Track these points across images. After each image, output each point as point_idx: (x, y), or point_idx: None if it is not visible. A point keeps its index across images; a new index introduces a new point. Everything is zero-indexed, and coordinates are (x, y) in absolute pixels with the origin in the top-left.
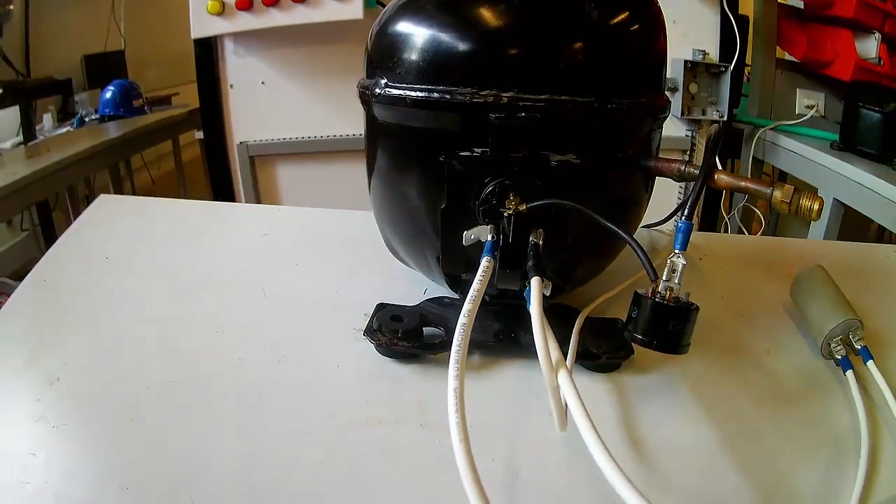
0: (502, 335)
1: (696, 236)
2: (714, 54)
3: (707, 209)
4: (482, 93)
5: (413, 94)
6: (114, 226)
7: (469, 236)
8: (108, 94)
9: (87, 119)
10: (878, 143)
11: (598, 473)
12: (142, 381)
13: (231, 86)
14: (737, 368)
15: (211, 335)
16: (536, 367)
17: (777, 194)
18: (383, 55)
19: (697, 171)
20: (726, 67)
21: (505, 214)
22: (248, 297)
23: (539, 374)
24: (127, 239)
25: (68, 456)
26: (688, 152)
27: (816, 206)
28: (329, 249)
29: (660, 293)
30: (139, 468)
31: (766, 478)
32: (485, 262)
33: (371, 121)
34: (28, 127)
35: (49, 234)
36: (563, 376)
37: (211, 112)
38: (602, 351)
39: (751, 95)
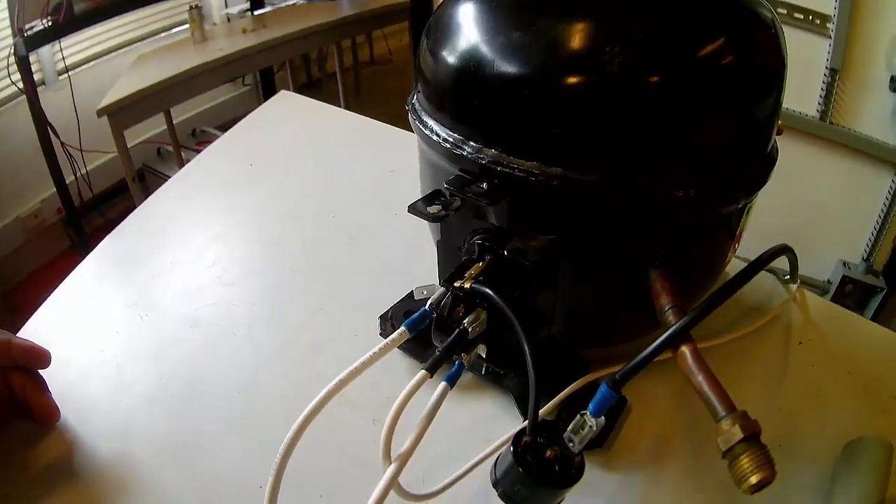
0: (488, 373)
1: (818, 308)
2: None
3: None
4: (487, 151)
5: (421, 128)
6: (273, 130)
7: (421, 292)
8: None
9: None
10: None
11: None
12: (219, 301)
13: None
14: None
15: (290, 278)
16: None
17: (723, 426)
18: (421, 59)
19: (672, 322)
20: None
21: (455, 284)
22: (331, 245)
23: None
24: (274, 149)
25: (138, 343)
26: None
27: (753, 479)
28: None
29: (533, 449)
30: (186, 370)
31: None
32: (397, 333)
33: None
34: None
35: (269, 91)
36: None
37: (419, 7)
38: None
39: None
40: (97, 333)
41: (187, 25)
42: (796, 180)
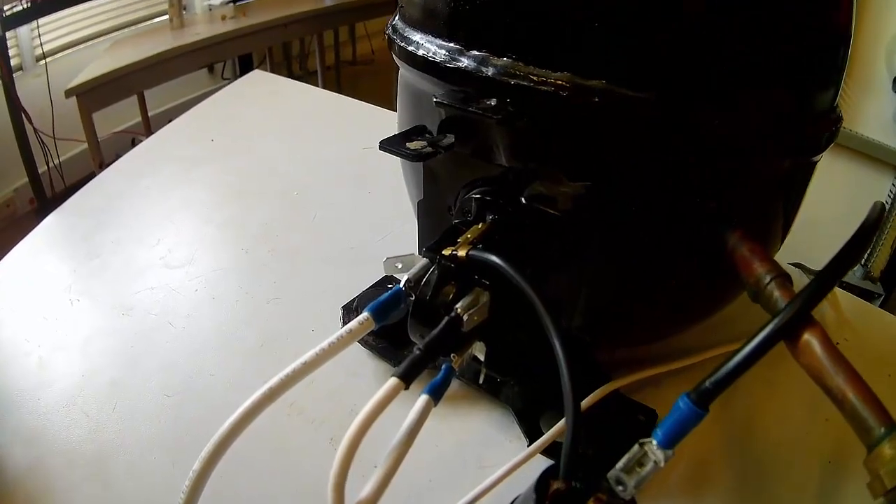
0: (486, 383)
1: (851, 305)
2: None
3: None
4: (496, 61)
5: (405, 46)
6: (241, 106)
7: (393, 265)
8: None
9: None
10: None
11: None
12: (158, 285)
13: None
14: None
15: (242, 261)
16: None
17: (886, 451)
18: None
19: (779, 304)
20: None
21: (443, 253)
22: (292, 225)
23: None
24: (239, 125)
25: (65, 332)
26: None
27: None
28: None
29: (566, 500)
30: (111, 367)
31: None
32: (357, 321)
33: None
34: None
35: None
36: None
37: None
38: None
39: None
40: (25, 319)
41: (168, 15)
42: None
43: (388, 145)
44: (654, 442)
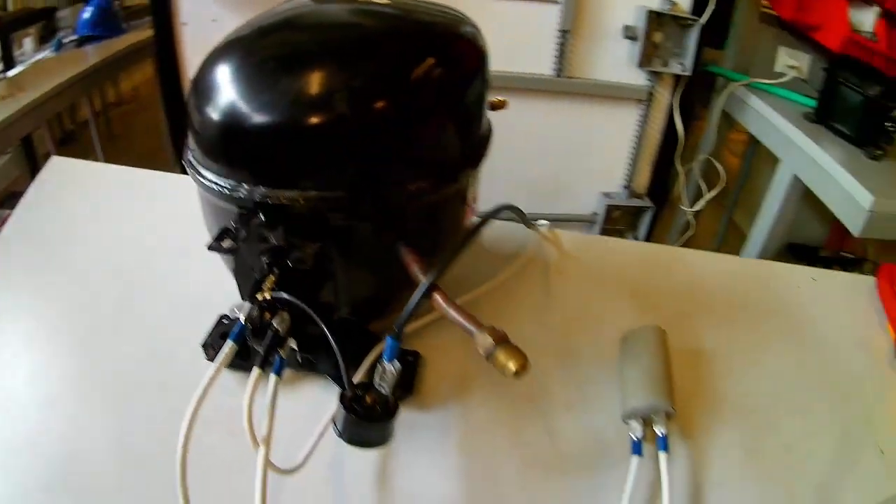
0: (304, 362)
1: (576, 238)
2: (687, 3)
3: (663, 156)
4: (258, 189)
5: (201, 180)
6: (60, 206)
7: (233, 311)
8: (87, 15)
9: (65, 41)
10: (854, 125)
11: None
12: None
13: (184, 24)
14: (525, 420)
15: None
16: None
17: (478, 339)
18: (192, 124)
19: (422, 279)
20: (695, 21)
21: (258, 297)
22: (144, 292)
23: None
24: (63, 225)
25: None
26: (644, 102)
27: (512, 366)
28: None
29: (356, 400)
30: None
31: None
32: (226, 347)
33: None
34: (7, 58)
35: (30, 152)
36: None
37: (164, 49)
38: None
39: (729, 46)
40: None
41: None
42: (547, 134)
43: (213, 248)
44: (384, 360)
